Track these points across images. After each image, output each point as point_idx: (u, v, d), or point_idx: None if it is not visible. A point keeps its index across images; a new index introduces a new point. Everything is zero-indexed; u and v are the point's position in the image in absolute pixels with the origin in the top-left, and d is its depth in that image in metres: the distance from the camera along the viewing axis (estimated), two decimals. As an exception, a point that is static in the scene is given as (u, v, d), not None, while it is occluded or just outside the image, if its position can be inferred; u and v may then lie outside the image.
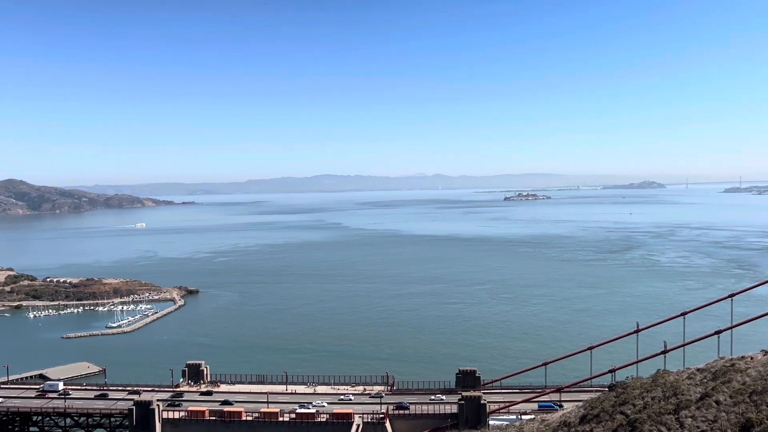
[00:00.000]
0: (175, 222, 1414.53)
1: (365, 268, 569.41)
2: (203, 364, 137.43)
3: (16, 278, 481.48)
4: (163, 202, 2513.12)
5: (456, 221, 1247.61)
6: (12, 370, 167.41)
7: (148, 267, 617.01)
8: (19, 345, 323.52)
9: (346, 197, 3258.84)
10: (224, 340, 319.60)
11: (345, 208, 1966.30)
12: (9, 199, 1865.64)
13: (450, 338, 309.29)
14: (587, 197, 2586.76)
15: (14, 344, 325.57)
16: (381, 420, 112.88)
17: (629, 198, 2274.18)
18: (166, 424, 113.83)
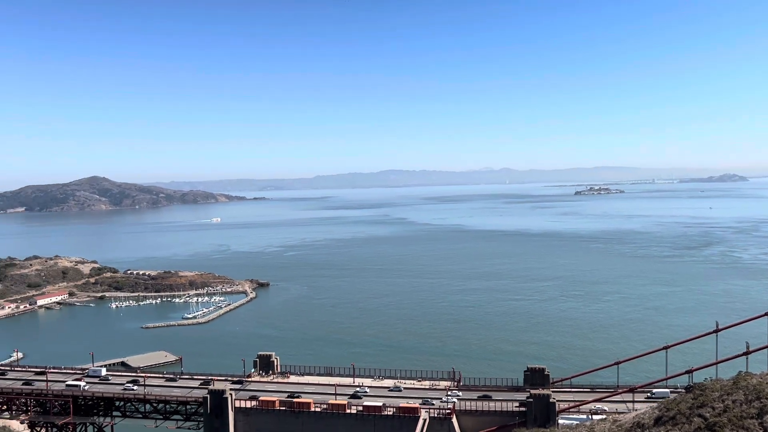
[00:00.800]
0: (246, 217, 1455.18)
1: (430, 263, 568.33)
2: (273, 355, 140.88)
3: (100, 270, 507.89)
4: (236, 197, 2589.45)
5: (524, 216, 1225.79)
6: (96, 358, 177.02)
7: (221, 260, 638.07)
8: (102, 334, 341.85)
9: (411, 192, 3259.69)
10: (293, 332, 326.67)
11: (410, 203, 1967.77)
12: (93, 195, 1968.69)
13: (517, 335, 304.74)
14: (663, 191, 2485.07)
15: (98, 333, 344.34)
16: (447, 415, 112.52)
17: (708, 192, 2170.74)
18: (238, 412, 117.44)
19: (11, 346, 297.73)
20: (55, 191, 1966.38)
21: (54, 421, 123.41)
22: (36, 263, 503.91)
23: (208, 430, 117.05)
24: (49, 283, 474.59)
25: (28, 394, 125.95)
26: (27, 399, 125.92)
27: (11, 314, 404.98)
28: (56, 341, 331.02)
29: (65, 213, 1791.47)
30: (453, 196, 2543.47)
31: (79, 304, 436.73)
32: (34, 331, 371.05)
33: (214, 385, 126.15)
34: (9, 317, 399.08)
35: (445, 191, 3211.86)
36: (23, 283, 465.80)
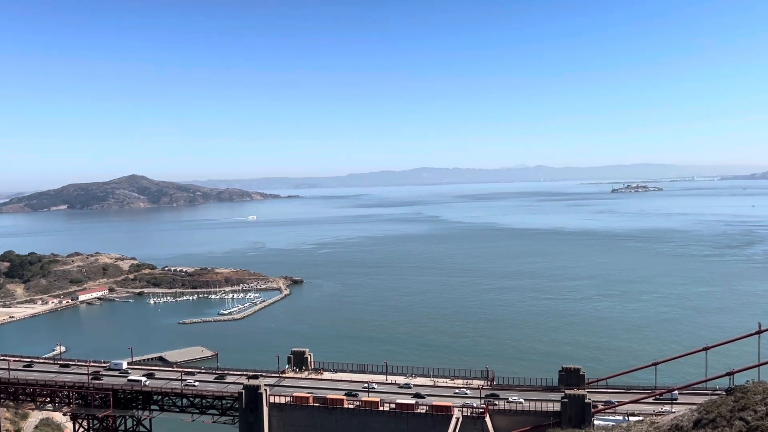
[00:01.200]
0: (281, 214, 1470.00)
1: (463, 262, 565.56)
2: (307, 351, 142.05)
3: (139, 267, 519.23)
4: (270, 195, 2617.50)
5: (559, 214, 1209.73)
6: (135, 353, 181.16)
7: (256, 257, 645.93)
8: (141, 329, 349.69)
9: (444, 190, 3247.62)
10: (327, 329, 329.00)
11: (443, 201, 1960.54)
12: (132, 194, 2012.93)
13: (551, 335, 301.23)
14: (703, 189, 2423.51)
15: (137, 328, 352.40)
16: (481, 414, 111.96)
17: (751, 189, 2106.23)
18: (272, 408, 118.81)
19: (55, 340, 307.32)
20: (96, 189, 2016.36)
21: (95, 413, 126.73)
22: (78, 260, 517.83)
23: (243, 424, 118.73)
24: (90, 279, 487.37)
25: (70, 387, 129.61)
26: (69, 392, 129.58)
27: (54, 309, 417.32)
28: (97, 336, 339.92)
29: (105, 211, 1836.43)
30: (486, 193, 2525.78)
31: (119, 300, 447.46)
32: (75, 325, 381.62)
33: (249, 380, 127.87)
34: (52, 312, 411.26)
35: (479, 189, 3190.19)
36: (66, 278, 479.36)
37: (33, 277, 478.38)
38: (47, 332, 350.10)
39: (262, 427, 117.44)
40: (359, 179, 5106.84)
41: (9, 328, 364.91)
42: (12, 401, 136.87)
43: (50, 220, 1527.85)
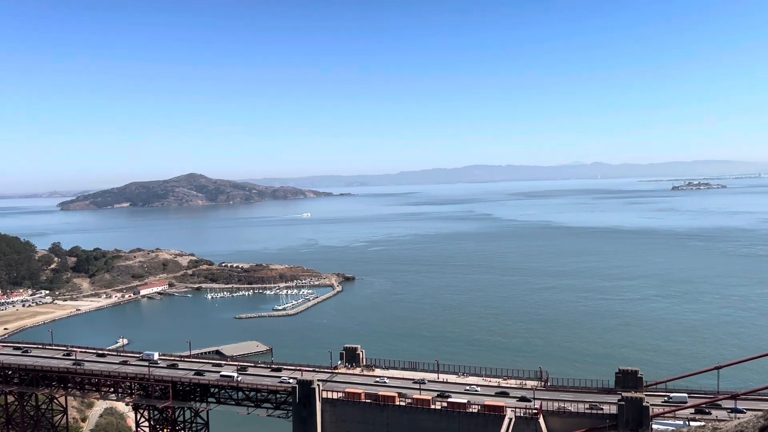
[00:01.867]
0: (333, 212, 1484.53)
1: (516, 260, 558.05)
2: (359, 348, 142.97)
3: (197, 263, 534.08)
4: (323, 193, 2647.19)
5: (616, 212, 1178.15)
6: (193, 346, 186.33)
7: (309, 254, 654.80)
8: (198, 323, 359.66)
9: (497, 188, 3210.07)
10: (378, 326, 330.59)
11: (496, 199, 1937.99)
12: (191, 192, 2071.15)
13: (607, 336, 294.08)
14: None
15: (195, 322, 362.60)
16: (534, 415, 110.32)
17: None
18: (325, 403, 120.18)
19: (117, 333, 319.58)
20: (156, 188, 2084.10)
21: (155, 404, 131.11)
22: (139, 255, 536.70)
23: (297, 419, 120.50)
24: (150, 274, 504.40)
25: (132, 378, 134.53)
26: (131, 383, 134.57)
27: (117, 303, 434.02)
28: (157, 329, 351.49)
29: (165, 208, 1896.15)
30: (541, 191, 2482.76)
31: (178, 295, 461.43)
32: (137, 319, 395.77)
33: (303, 375, 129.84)
34: (115, 305, 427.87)
35: (533, 186, 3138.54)
36: (128, 273, 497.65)
37: (98, 271, 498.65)
38: (111, 325, 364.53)
39: (315, 421, 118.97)
40: (410, 177, 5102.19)
41: (76, 320, 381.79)
42: (78, 391, 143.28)
43: (114, 217, 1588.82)
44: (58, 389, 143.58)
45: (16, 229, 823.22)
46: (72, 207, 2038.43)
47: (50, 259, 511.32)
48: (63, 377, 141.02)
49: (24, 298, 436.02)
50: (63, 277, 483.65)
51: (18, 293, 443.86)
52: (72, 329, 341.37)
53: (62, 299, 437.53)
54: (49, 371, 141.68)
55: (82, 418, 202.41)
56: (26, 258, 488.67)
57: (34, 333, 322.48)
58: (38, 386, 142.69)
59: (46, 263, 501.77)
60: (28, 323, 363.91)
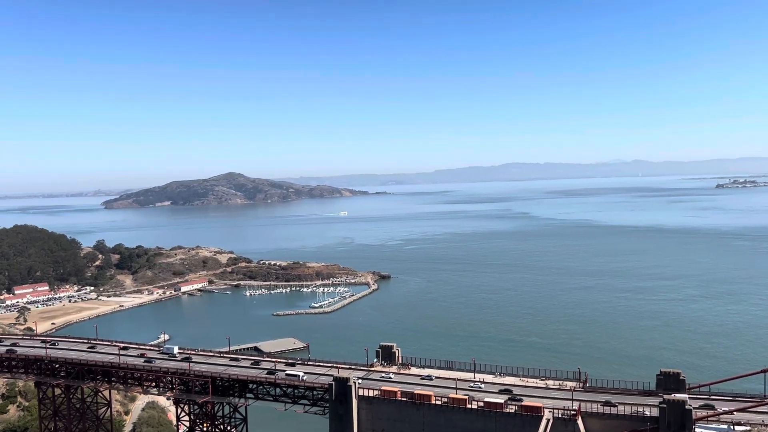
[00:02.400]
0: (369, 211, 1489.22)
1: (555, 260, 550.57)
2: (395, 346, 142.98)
3: (236, 260, 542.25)
4: (359, 192, 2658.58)
5: (658, 211, 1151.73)
6: (232, 342, 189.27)
7: (345, 252, 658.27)
8: (237, 319, 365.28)
9: (534, 186, 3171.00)
10: (413, 324, 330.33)
11: (533, 197, 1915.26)
12: (229, 190, 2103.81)
13: (648, 337, 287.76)
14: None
15: (234, 319, 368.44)
16: (573, 417, 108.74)
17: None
18: (361, 400, 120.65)
19: (159, 328, 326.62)
20: (197, 186, 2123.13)
21: (195, 399, 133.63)
22: (180, 253, 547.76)
23: (333, 415, 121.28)
24: (191, 271, 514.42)
25: (173, 373, 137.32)
26: (172, 377, 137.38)
27: (159, 299, 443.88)
28: (197, 325, 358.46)
29: (205, 207, 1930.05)
30: (580, 189, 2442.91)
31: (217, 292, 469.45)
32: (178, 315, 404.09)
33: (339, 372, 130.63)
34: (157, 302, 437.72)
35: (572, 185, 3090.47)
36: (169, 270, 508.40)
37: (140, 268, 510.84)
38: (152, 321, 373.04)
39: (352, 418, 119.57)
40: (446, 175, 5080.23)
41: (119, 316, 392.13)
42: (122, 384, 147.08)
43: (155, 215, 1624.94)
44: (102, 383, 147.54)
45: (63, 227, 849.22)
46: (115, 205, 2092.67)
47: (95, 256, 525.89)
48: (107, 371, 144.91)
49: (70, 294, 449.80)
50: (107, 273, 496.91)
51: (65, 289, 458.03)
52: (115, 325, 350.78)
53: (106, 295, 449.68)
54: (93, 365, 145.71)
55: (125, 411, 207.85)
56: (72, 255, 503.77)
57: (80, 328, 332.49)
58: (84, 380, 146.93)
59: (91, 260, 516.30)
60: (74, 318, 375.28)
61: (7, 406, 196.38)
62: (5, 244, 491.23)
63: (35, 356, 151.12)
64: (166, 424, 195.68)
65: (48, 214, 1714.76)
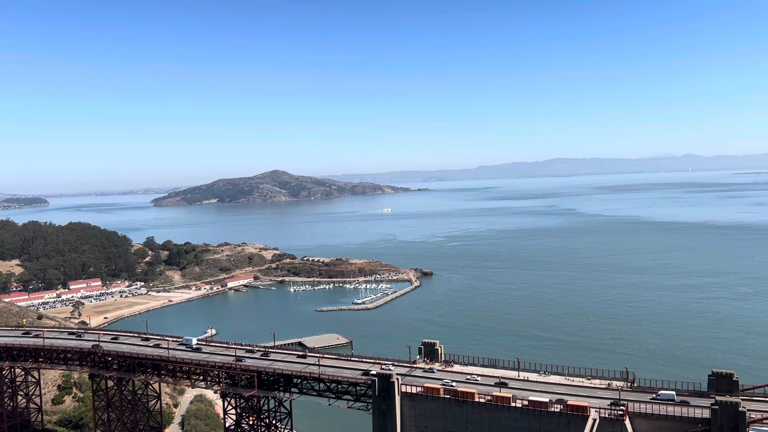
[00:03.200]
0: (411, 207, 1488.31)
1: (602, 257, 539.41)
2: (438, 343, 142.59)
3: (280, 257, 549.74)
4: (401, 188, 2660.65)
5: (709, 207, 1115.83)
6: (277, 337, 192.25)
7: (388, 249, 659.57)
8: (282, 315, 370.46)
9: (580, 181, 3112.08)
10: (456, 321, 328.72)
11: (579, 193, 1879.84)
12: (274, 188, 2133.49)
13: (700, 336, 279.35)
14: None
15: (278, 314, 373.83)
16: (620, 417, 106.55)
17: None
18: (404, 397, 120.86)
19: (206, 323, 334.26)
20: (242, 184, 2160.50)
21: (242, 393, 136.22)
22: (226, 249, 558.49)
23: (376, 411, 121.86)
24: (237, 267, 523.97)
25: (220, 367, 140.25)
26: (219, 371, 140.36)
27: (206, 295, 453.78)
28: (243, 320, 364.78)
29: (250, 204, 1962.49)
30: (628, 185, 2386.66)
31: (263, 287, 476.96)
32: (224, 310, 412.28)
33: (382, 368, 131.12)
34: (204, 297, 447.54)
35: (619, 180, 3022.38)
36: (216, 267, 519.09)
37: (188, 264, 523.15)
38: (200, 316, 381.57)
39: (395, 415, 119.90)
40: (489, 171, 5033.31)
41: (168, 311, 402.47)
42: (171, 378, 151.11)
43: (202, 212, 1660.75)
44: (152, 376, 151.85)
45: (115, 224, 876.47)
46: (164, 203, 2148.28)
47: (145, 252, 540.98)
48: (157, 364, 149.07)
49: (121, 289, 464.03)
50: (156, 269, 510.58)
51: (116, 285, 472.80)
52: (165, 319, 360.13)
53: (156, 291, 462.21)
54: (144, 359, 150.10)
55: (174, 404, 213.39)
56: (123, 252, 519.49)
57: (131, 322, 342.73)
58: (135, 372, 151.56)
59: (141, 256, 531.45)
60: (125, 313, 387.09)
61: (63, 397, 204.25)
62: (60, 241, 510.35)
63: (89, 349, 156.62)
64: (213, 417, 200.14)
65: (100, 211, 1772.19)
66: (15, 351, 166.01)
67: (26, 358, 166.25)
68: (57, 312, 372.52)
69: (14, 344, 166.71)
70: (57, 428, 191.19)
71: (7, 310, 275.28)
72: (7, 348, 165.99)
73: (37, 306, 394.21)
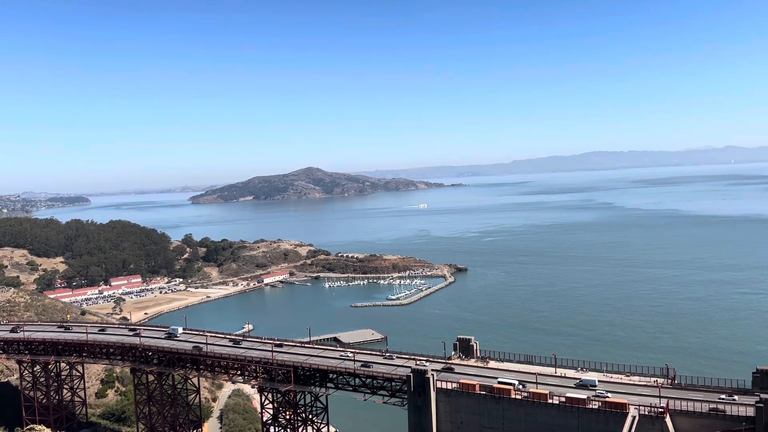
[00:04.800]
0: (445, 203, 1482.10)
1: (640, 252, 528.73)
2: (473, 339, 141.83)
3: (315, 253, 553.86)
4: (434, 184, 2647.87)
5: (754, 199, 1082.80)
6: (313, 333, 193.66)
7: (421, 245, 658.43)
8: (317, 311, 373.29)
9: (618, 175, 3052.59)
10: (491, 318, 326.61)
11: (617, 187, 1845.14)
12: (308, 185, 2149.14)
13: (744, 332, 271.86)
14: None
15: (314, 310, 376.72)
16: (660, 414, 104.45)
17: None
18: (439, 393, 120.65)
19: (243, 318, 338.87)
20: (277, 181, 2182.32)
21: (278, 387, 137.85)
22: (262, 246, 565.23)
23: (412, 407, 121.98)
24: (273, 263, 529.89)
25: (257, 362, 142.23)
26: (256, 366, 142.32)
27: (243, 291, 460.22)
28: (279, 316, 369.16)
29: (285, 201, 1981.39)
30: (667, 178, 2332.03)
31: (298, 283, 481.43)
32: (261, 306, 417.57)
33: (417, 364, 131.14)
34: (241, 293, 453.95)
35: (658, 173, 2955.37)
36: (252, 263, 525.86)
37: (225, 261, 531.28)
38: (237, 311, 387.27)
39: (430, 410, 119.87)
40: (524, 166, 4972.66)
41: (207, 306, 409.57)
42: (209, 372, 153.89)
43: (239, 209, 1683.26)
44: (191, 371, 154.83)
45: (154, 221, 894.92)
46: (201, 200, 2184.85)
47: (183, 249, 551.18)
48: (195, 359, 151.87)
49: (161, 285, 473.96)
50: (194, 266, 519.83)
51: (156, 281, 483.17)
52: (203, 315, 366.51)
53: (194, 287, 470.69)
54: (183, 354, 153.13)
55: (212, 398, 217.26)
56: (162, 248, 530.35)
57: (170, 318, 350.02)
58: (174, 367, 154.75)
59: (179, 253, 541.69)
60: (165, 309, 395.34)
61: (106, 391, 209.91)
62: (102, 238, 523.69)
63: (131, 344, 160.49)
64: (251, 411, 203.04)
65: (139, 209, 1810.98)
66: (60, 346, 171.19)
67: (71, 352, 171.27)
68: (99, 308, 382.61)
69: (59, 339, 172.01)
70: (100, 421, 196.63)
71: (53, 306, 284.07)
72: (53, 343, 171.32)
73: (80, 302, 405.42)
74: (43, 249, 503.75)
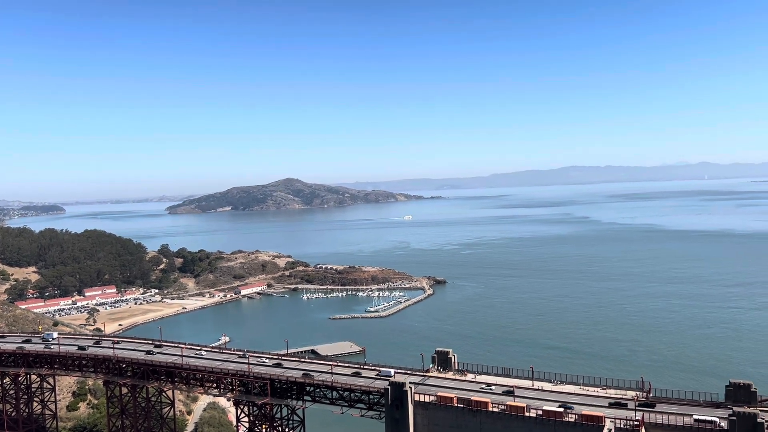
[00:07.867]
0: (424, 215, 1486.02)
1: (617, 265, 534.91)
2: (451, 352, 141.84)
3: (294, 264, 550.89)
4: (414, 196, 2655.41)
5: (726, 215, 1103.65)
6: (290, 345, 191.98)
7: (401, 257, 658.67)
8: (295, 323, 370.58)
9: (595, 189, 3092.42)
10: (469, 330, 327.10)
11: (594, 201, 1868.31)
12: (288, 196, 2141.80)
13: (717, 347, 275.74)
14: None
15: (292, 322, 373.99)
16: (636, 427, 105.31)
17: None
18: (417, 406, 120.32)
19: (220, 331, 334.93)
20: (256, 192, 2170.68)
21: (254, 400, 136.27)
22: (240, 257, 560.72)
23: (389, 420, 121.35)
24: (250, 274, 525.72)
25: (233, 375, 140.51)
26: (232, 379, 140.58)
27: (220, 302, 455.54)
28: (256, 328, 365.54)
29: (264, 211, 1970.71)
30: (643, 193, 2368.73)
31: (276, 295, 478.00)
32: (238, 317, 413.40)
33: (395, 377, 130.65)
34: (218, 304, 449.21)
35: (634, 188, 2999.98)
36: (230, 274, 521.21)
37: (202, 272, 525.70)
38: (213, 323, 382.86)
39: (408, 423, 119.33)
40: (503, 179, 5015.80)
41: (182, 318, 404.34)
42: (184, 385, 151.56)
43: (217, 220, 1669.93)
44: (166, 383, 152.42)
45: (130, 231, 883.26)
46: (179, 211, 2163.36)
47: (159, 260, 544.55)
48: (170, 372, 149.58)
49: (136, 296, 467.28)
50: (171, 277, 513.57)
51: (131, 292, 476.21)
52: (179, 327, 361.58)
53: (170, 298, 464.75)
54: (158, 365, 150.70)
55: (187, 411, 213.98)
56: (138, 259, 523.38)
57: (145, 329, 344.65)
58: (148, 379, 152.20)
59: (155, 264, 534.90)
60: (139, 320, 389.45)
61: (77, 404, 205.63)
62: (76, 248, 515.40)
63: (104, 356, 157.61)
64: (226, 424, 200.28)
65: (115, 219, 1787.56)
66: (31, 357, 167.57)
67: (42, 364, 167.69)
68: (72, 319, 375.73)
69: (30, 351, 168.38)
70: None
71: (24, 316, 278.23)
72: (23, 354, 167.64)
73: (53, 313, 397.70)
74: (15, 258, 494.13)
